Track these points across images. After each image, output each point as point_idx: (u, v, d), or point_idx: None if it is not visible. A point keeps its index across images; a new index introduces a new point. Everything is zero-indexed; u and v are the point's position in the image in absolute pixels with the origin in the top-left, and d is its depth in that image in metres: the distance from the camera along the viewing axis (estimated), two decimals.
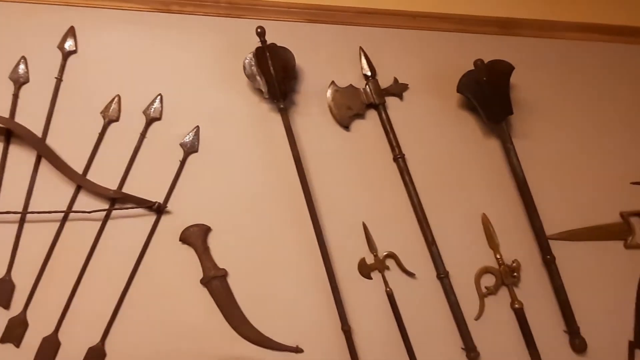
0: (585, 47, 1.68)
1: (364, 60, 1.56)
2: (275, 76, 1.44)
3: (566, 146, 1.63)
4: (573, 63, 1.67)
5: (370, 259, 1.53)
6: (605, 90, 1.67)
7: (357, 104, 1.55)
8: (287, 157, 1.48)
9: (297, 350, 1.46)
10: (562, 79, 1.66)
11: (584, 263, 1.59)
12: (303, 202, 1.46)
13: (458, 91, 1.53)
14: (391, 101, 1.59)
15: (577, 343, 1.53)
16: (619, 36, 1.67)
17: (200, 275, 1.44)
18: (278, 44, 1.49)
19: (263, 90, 1.47)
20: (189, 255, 1.46)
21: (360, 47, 1.58)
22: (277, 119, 1.50)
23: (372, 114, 1.58)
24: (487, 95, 1.50)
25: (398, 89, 1.58)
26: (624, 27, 1.65)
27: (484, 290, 1.56)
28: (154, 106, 1.52)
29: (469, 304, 1.55)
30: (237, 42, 1.55)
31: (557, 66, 1.67)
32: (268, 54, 1.44)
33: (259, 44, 1.45)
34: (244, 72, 1.49)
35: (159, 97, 1.53)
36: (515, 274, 1.55)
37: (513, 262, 1.56)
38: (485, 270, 1.56)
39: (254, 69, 1.47)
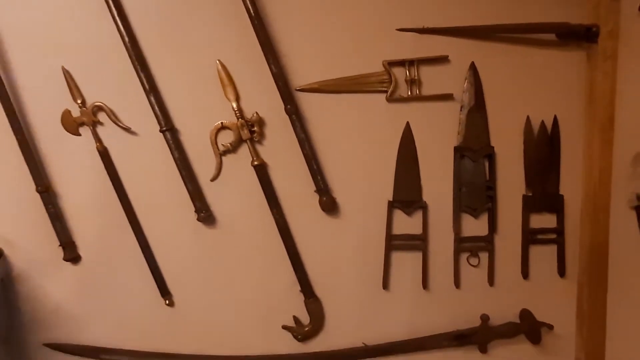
0: None
1: None
2: None
3: None
4: None
5: (76, 112, 1.30)
6: None
7: None
8: None
9: None
10: None
11: (340, 118, 1.42)
12: None
13: None
14: None
15: (325, 200, 1.41)
16: None
17: None
18: None
19: None
20: None
21: None
22: None
23: None
24: None
25: None
26: None
27: (220, 147, 1.38)
28: None
29: (206, 163, 1.39)
30: None
31: None
32: None
33: None
34: None
35: None
36: (255, 128, 1.38)
37: (252, 115, 1.38)
38: (222, 126, 1.38)
39: None
